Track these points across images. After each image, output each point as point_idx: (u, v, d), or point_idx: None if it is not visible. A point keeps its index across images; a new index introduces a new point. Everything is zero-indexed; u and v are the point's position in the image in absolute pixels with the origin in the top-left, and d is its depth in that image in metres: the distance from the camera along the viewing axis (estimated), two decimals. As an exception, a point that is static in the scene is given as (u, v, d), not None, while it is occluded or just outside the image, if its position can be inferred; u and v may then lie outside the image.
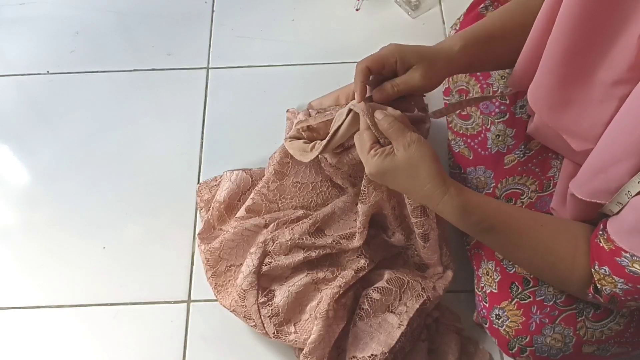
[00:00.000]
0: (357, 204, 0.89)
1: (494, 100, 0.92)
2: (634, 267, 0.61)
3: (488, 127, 0.92)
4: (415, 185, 0.71)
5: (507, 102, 0.91)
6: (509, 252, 0.75)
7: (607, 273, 0.64)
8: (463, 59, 0.78)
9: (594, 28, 0.59)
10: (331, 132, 0.81)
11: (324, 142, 0.82)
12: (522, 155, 0.88)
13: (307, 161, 0.87)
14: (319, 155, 0.88)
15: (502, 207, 0.75)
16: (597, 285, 0.66)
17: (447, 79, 0.99)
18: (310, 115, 0.90)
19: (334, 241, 0.91)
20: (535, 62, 0.72)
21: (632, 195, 0.59)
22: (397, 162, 0.70)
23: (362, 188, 0.87)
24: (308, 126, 0.88)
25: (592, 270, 0.66)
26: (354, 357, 0.85)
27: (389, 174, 0.71)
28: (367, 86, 0.78)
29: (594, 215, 0.70)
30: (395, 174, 0.71)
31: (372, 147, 0.72)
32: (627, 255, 0.61)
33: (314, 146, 0.86)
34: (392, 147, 0.70)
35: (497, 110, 0.92)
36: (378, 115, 0.73)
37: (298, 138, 0.89)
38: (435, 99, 1.13)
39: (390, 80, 0.77)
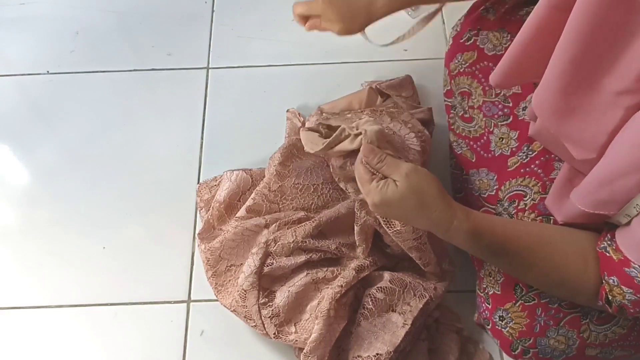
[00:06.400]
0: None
1: (496, 103, 0.92)
2: None
3: (491, 129, 0.92)
4: (422, 213, 0.68)
5: (510, 104, 0.91)
6: (521, 272, 0.74)
7: (616, 283, 0.64)
8: None
9: (604, 37, 0.58)
10: (336, 136, 0.81)
11: (328, 141, 0.82)
12: (524, 157, 0.88)
13: (311, 152, 0.86)
14: (326, 156, 0.87)
15: (509, 225, 0.74)
16: (609, 296, 0.66)
17: (449, 80, 0.99)
18: (321, 115, 0.90)
19: (336, 248, 0.91)
20: (523, 61, 0.70)
21: None
22: (401, 191, 0.67)
23: (355, 210, 0.88)
24: (328, 125, 0.87)
25: (603, 280, 0.66)
26: (358, 356, 0.85)
27: (395, 205, 0.68)
28: None
29: (592, 221, 0.70)
30: (401, 204, 0.68)
31: (374, 178, 0.69)
32: (637, 266, 0.61)
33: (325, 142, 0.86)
34: (391, 179, 0.68)
35: (500, 113, 0.92)
36: (364, 153, 0.71)
37: (315, 131, 0.88)
38: (436, 99, 1.14)
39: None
